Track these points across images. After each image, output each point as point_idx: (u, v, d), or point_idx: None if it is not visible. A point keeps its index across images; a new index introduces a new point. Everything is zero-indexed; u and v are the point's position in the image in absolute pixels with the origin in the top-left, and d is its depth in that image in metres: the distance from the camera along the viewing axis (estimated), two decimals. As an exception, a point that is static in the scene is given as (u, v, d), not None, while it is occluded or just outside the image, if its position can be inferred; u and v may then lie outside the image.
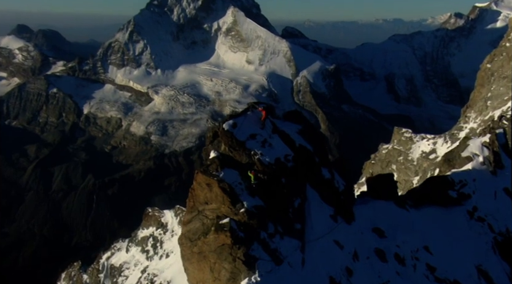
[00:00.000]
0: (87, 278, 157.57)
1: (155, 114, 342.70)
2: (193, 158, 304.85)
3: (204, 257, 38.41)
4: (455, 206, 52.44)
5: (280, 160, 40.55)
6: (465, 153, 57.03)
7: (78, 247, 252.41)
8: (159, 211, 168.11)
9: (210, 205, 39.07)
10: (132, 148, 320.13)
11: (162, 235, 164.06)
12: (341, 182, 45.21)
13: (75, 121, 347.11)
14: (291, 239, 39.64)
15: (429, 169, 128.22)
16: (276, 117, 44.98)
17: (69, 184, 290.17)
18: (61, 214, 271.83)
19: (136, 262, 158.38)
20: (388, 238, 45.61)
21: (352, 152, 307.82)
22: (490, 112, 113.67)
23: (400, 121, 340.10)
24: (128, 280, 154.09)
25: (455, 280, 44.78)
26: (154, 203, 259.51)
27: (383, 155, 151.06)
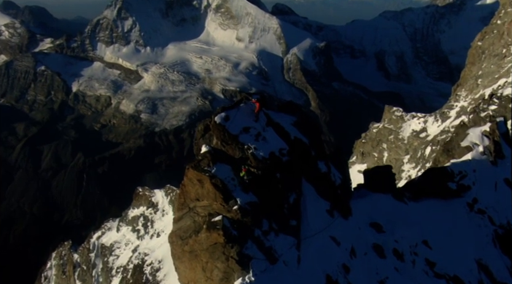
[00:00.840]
0: (78, 257, 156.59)
1: (144, 92, 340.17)
2: (183, 136, 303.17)
3: (195, 256, 36.81)
4: (455, 198, 51.03)
5: (274, 155, 38.77)
6: (465, 142, 55.40)
7: (69, 225, 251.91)
8: (150, 190, 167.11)
9: (201, 202, 37.30)
10: (122, 126, 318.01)
11: (153, 214, 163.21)
12: (338, 176, 43.51)
13: (64, 99, 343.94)
14: (287, 236, 38.09)
15: (419, 148, 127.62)
16: (270, 108, 43.07)
17: (59, 162, 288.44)
18: (51, 192, 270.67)
19: (127, 242, 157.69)
20: (386, 233, 44.14)
21: (342, 130, 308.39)
22: (480, 91, 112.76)
23: (390, 98, 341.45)
24: (119, 259, 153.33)
25: (455, 275, 43.48)
26: (144, 181, 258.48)
27: (373, 134, 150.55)
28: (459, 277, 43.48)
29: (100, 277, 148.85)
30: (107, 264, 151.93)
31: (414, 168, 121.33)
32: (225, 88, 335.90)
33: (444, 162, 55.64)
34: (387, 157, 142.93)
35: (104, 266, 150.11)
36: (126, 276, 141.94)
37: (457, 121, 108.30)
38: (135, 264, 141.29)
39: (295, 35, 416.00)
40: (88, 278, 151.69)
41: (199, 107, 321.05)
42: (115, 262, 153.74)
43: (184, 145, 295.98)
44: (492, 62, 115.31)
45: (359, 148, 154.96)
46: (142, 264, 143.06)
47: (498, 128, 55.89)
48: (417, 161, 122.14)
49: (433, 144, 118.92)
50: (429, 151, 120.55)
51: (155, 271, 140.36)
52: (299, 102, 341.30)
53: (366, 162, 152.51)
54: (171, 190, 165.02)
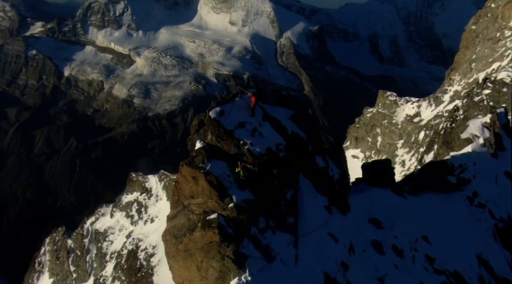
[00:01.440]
0: (71, 243, 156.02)
1: (137, 77, 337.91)
2: (177, 121, 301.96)
3: (190, 255, 35.72)
4: (455, 191, 50.13)
5: (271, 150, 37.59)
6: (465, 134, 54.40)
7: (62, 210, 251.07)
8: (143, 176, 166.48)
9: (196, 199, 36.18)
10: (115, 111, 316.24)
11: (146, 200, 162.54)
12: (336, 171, 42.41)
13: (56, 83, 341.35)
14: (284, 234, 37.04)
15: (413, 133, 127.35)
16: (266, 101, 41.85)
17: (51, 147, 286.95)
18: (44, 177, 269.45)
19: (121, 227, 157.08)
20: (385, 228, 43.21)
21: (336, 114, 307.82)
22: (474, 75, 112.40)
23: (383, 82, 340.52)
24: (113, 245, 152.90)
25: (455, 270, 42.69)
26: (138, 166, 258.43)
27: (367, 118, 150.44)
28: (459, 273, 42.71)
29: (94, 262, 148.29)
30: (101, 249, 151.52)
31: (407, 153, 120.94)
32: (218, 72, 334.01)
33: (443, 155, 54.64)
34: (381, 141, 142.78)
35: (98, 252, 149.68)
36: (120, 262, 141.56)
37: (450, 105, 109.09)
38: (129, 249, 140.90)
39: (288, 19, 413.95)
40: (82, 264, 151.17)
41: (192, 91, 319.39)
42: (109, 248, 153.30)
43: (177, 130, 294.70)
44: (486, 46, 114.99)
45: (353, 133, 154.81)
46: (136, 250, 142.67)
47: (498, 119, 54.85)
48: (411, 146, 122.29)
49: (426, 128, 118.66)
50: (423, 136, 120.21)
51: (149, 256, 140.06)
52: (293, 86, 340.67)
53: (359, 147, 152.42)
54: (165, 176, 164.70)
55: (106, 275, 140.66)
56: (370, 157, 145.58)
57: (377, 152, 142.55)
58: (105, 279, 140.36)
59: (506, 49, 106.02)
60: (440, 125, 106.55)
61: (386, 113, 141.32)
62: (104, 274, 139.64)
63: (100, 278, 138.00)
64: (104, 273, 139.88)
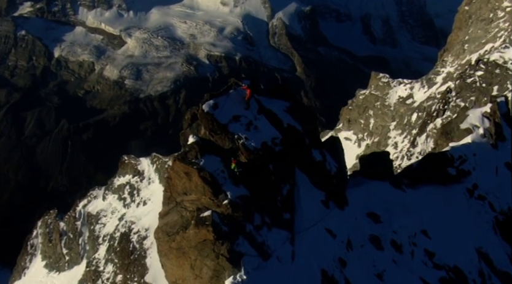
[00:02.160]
0: (64, 225, 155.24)
1: (128, 58, 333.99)
2: (169, 102, 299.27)
3: (183, 253, 34.63)
4: (454, 184, 49.07)
5: (267, 145, 36.34)
6: (464, 124, 52.90)
7: (55, 192, 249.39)
8: (135, 158, 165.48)
9: (189, 196, 34.95)
10: (106, 92, 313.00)
11: (139, 182, 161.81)
12: (333, 164, 41.19)
13: (46, 65, 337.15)
14: (280, 230, 36.00)
15: (406, 115, 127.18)
16: (262, 93, 40.45)
17: (42, 129, 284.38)
18: (35, 159, 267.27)
19: (113, 210, 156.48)
20: (384, 223, 42.09)
21: (328, 95, 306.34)
22: (467, 56, 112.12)
23: (375, 63, 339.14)
24: (105, 228, 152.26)
25: (455, 265, 41.79)
26: (130, 148, 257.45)
27: (360, 100, 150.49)
28: (459, 267, 41.84)
29: (87, 245, 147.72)
30: (94, 232, 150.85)
31: (400, 135, 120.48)
32: (210, 53, 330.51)
33: (442, 145, 53.44)
34: (373, 123, 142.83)
35: (91, 234, 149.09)
36: (113, 244, 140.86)
37: (443, 87, 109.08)
38: (121, 232, 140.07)
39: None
40: (75, 246, 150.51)
41: (184, 73, 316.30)
42: (102, 231, 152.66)
43: (169, 112, 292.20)
44: (478, 27, 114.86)
45: (345, 115, 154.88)
46: (129, 232, 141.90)
47: (499, 108, 53.67)
48: (403, 128, 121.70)
49: (419, 110, 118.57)
50: (415, 118, 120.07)
51: (141, 239, 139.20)
52: (285, 67, 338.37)
53: (352, 129, 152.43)
54: (157, 158, 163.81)
55: (99, 258, 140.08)
56: (363, 139, 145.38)
57: (370, 134, 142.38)
58: (97, 261, 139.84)
59: (499, 30, 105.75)
60: (433, 106, 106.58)
61: (379, 95, 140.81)
62: (97, 257, 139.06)
63: (93, 260, 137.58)
64: (96, 255, 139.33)
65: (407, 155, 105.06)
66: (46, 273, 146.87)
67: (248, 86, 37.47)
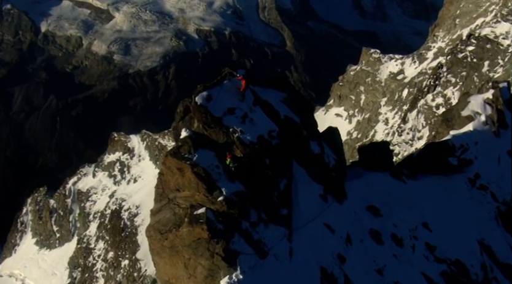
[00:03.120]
0: (54, 203, 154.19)
1: (116, 33, 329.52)
2: (158, 78, 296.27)
3: (176, 252, 33.12)
4: (456, 173, 47.69)
5: (263, 138, 34.65)
6: (465, 111, 51.10)
7: (44, 169, 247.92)
8: (125, 135, 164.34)
9: (182, 193, 33.31)
10: (95, 68, 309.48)
11: (129, 160, 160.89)
12: (332, 156, 39.66)
13: (33, 39, 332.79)
14: (277, 227, 34.56)
15: (397, 91, 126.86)
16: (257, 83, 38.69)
17: (31, 104, 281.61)
18: (24, 135, 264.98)
19: (104, 187, 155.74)
20: (384, 216, 40.72)
21: (318, 70, 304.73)
22: (458, 31, 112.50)
23: (365, 37, 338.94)
24: (96, 205, 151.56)
25: (457, 258, 40.62)
26: (119, 124, 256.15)
27: (351, 76, 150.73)
28: (461, 261, 40.66)
29: (77, 222, 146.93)
30: (84, 209, 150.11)
31: (391, 111, 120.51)
32: (199, 28, 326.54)
33: (443, 133, 51.86)
34: (364, 99, 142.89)
35: (81, 211, 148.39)
36: (104, 222, 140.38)
37: (434, 62, 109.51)
38: (112, 209, 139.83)
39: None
40: (65, 224, 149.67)
41: (173, 48, 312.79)
42: (92, 208, 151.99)
43: (159, 87, 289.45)
44: (470, 1, 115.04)
45: (336, 91, 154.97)
46: (120, 210, 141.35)
47: (501, 94, 52.05)
48: (394, 104, 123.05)
49: (410, 86, 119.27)
50: (406, 93, 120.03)
51: (132, 216, 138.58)
52: (275, 42, 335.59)
53: (343, 105, 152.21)
54: (147, 136, 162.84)
55: (90, 235, 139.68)
56: (353, 115, 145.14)
57: (361, 110, 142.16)
58: (89, 238, 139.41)
59: (490, 4, 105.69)
60: (424, 82, 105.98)
61: (369, 71, 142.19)
62: (88, 234, 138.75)
63: (84, 237, 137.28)
64: (87, 232, 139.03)
65: (398, 131, 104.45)
66: (37, 250, 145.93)
67: (244, 76, 35.71)
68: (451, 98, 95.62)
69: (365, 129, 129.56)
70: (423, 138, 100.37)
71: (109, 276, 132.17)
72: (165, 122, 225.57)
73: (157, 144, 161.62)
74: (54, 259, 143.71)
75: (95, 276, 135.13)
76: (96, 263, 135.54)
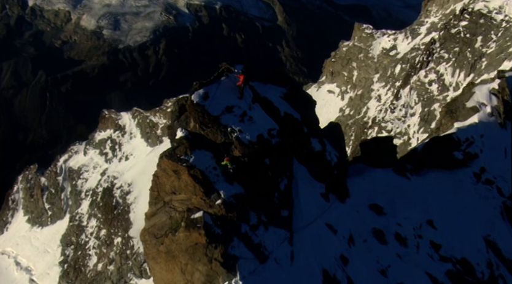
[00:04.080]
0: (45, 180, 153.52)
1: (105, 7, 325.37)
2: (148, 53, 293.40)
3: (173, 257, 31.50)
4: (461, 168, 46.16)
5: (263, 137, 32.94)
6: (470, 102, 49.43)
7: (35, 145, 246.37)
8: (116, 113, 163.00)
9: (178, 195, 31.63)
10: (84, 43, 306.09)
11: (120, 137, 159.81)
12: (334, 153, 38.08)
13: (20, 14, 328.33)
14: (278, 229, 33.00)
15: (389, 67, 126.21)
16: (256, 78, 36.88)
17: (19, 80, 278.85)
18: (13, 111, 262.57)
19: (95, 165, 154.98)
20: (387, 215, 39.28)
21: (310, 44, 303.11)
22: (451, 5, 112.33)
23: (357, 11, 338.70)
24: (88, 183, 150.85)
25: (463, 257, 39.29)
26: (110, 100, 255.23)
27: (343, 52, 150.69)
28: (466, 259, 39.34)
29: (69, 200, 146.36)
30: (76, 187, 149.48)
31: (383, 87, 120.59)
32: (190, 2, 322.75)
33: (447, 125, 50.18)
34: (357, 76, 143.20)
35: (73, 189, 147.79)
36: (96, 199, 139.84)
37: (427, 38, 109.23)
38: (104, 187, 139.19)
39: None
40: (57, 201, 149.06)
41: (164, 23, 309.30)
42: (84, 186, 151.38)
43: (149, 63, 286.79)
44: None
45: (328, 67, 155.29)
46: (112, 187, 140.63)
47: (507, 84, 50.34)
48: (387, 80, 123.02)
49: (403, 62, 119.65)
50: (399, 69, 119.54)
51: (124, 194, 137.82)
52: (266, 16, 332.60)
53: (335, 82, 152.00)
54: (138, 113, 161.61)
55: (82, 213, 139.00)
56: (346, 91, 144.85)
57: (353, 87, 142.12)
58: (81, 216, 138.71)
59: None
60: (416, 58, 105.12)
61: (362, 46, 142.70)
62: (80, 211, 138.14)
63: (76, 215, 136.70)
64: (79, 210, 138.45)
65: (390, 107, 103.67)
66: (29, 228, 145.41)
67: (242, 72, 33.89)
68: (444, 74, 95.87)
69: (358, 106, 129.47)
70: (415, 114, 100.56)
71: (102, 254, 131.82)
72: (156, 97, 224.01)
73: (148, 122, 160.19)
74: (47, 237, 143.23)
75: (88, 253, 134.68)
76: (89, 241, 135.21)
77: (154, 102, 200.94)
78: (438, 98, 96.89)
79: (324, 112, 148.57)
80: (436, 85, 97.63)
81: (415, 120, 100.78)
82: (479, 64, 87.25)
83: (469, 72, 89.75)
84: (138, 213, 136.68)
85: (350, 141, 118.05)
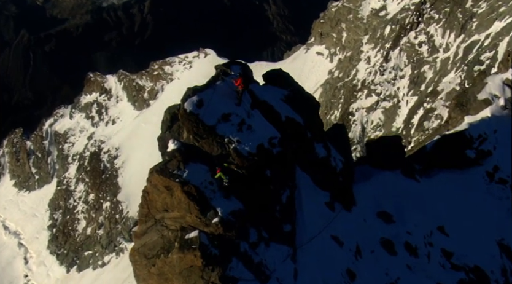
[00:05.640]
0: (31, 144, 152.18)
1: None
2: (133, 11, 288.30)
3: (166, 279, 28.80)
4: (472, 167, 43.16)
5: (263, 147, 29.89)
6: (482, 94, 45.92)
7: (19, 106, 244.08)
8: (102, 76, 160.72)
9: (171, 213, 28.69)
10: (67, 1, 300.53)
11: (106, 101, 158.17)
12: (339, 158, 34.99)
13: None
14: (280, 245, 30.39)
15: (379, 28, 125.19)
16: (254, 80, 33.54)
17: (1, 39, 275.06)
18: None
19: (81, 129, 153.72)
20: (396, 222, 36.33)
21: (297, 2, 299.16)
22: None
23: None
24: (74, 147, 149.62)
25: (476, 265, 36.72)
26: (95, 59, 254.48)
27: (332, 13, 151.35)
28: (480, 267, 36.76)
29: (56, 164, 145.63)
30: (62, 151, 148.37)
31: (373, 49, 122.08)
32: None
33: (457, 119, 46.84)
34: (346, 37, 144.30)
35: (60, 153, 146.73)
36: (83, 164, 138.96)
37: None
38: (91, 151, 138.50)
39: None
40: (44, 165, 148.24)
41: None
42: (71, 150, 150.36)
43: (134, 22, 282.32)
44: None
45: (317, 29, 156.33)
46: (99, 152, 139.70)
47: (522, 74, 47.09)
48: (376, 41, 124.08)
49: (392, 23, 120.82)
50: (388, 31, 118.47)
51: (112, 158, 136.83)
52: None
53: (324, 43, 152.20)
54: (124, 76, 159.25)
55: (69, 177, 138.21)
56: (335, 53, 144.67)
57: (342, 49, 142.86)
58: (68, 181, 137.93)
59: None
60: (406, 19, 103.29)
61: (351, 7, 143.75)
62: (67, 176, 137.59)
63: (64, 179, 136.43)
64: (67, 175, 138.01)
65: (380, 70, 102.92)
66: (16, 192, 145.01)
67: (240, 75, 30.52)
68: (434, 35, 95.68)
69: (347, 68, 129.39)
70: (405, 76, 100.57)
71: (91, 218, 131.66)
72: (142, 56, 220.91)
73: (135, 85, 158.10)
74: (34, 201, 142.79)
75: (76, 218, 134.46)
76: (77, 205, 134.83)
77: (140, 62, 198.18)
78: (427, 59, 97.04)
79: (313, 75, 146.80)
80: (426, 46, 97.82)
81: (404, 82, 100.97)
82: (470, 24, 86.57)
83: (459, 33, 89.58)
84: (126, 178, 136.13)
85: (339, 104, 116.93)
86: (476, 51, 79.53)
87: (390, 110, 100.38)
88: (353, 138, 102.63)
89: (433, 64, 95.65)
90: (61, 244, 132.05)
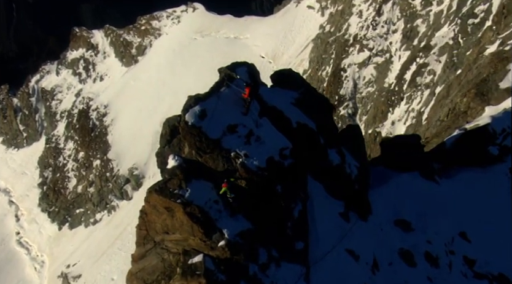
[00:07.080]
0: (17, 101, 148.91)
1: None
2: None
3: (167, 307, 26.08)
4: (495, 164, 39.92)
5: (273, 160, 26.80)
6: (505, 83, 42.29)
7: (4, 58, 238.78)
8: (88, 31, 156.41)
9: (172, 235, 25.71)
10: None
11: (93, 57, 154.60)
12: (354, 164, 31.79)
13: None
14: (292, 265, 27.50)
15: None
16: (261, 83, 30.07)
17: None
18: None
19: (69, 86, 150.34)
20: (415, 230, 33.24)
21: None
22: None
23: None
24: (62, 104, 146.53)
25: (500, 273, 34.00)
26: (81, 12, 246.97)
27: None
28: (504, 275, 34.03)
29: (44, 122, 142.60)
30: (50, 108, 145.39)
31: (365, 2, 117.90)
32: None
33: (477, 109, 43.27)
34: None
35: (47, 111, 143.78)
36: (72, 121, 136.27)
37: None
38: (80, 108, 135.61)
39: None
40: (32, 123, 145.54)
41: None
42: (58, 107, 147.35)
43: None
44: None
45: None
46: (87, 109, 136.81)
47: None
48: None
49: None
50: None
51: (101, 116, 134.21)
52: None
53: None
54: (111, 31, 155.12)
55: (58, 135, 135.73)
56: (326, 7, 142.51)
57: (334, 2, 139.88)
58: (57, 138, 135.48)
59: None
60: None
61: None
62: (56, 133, 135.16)
63: (52, 137, 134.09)
64: (55, 132, 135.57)
65: (372, 24, 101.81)
66: (5, 150, 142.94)
67: (248, 84, 26.96)
68: None
69: (338, 22, 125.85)
70: (398, 31, 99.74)
71: (81, 176, 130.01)
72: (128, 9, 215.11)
73: (122, 40, 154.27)
74: (23, 159, 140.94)
75: (67, 176, 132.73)
76: (67, 163, 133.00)
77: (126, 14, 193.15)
78: (421, 13, 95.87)
79: (304, 29, 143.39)
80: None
81: (397, 37, 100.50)
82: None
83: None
84: (116, 135, 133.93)
85: (331, 59, 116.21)
86: (470, 4, 77.62)
87: (382, 65, 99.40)
88: (345, 94, 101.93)
89: (426, 17, 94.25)
90: (52, 202, 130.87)
